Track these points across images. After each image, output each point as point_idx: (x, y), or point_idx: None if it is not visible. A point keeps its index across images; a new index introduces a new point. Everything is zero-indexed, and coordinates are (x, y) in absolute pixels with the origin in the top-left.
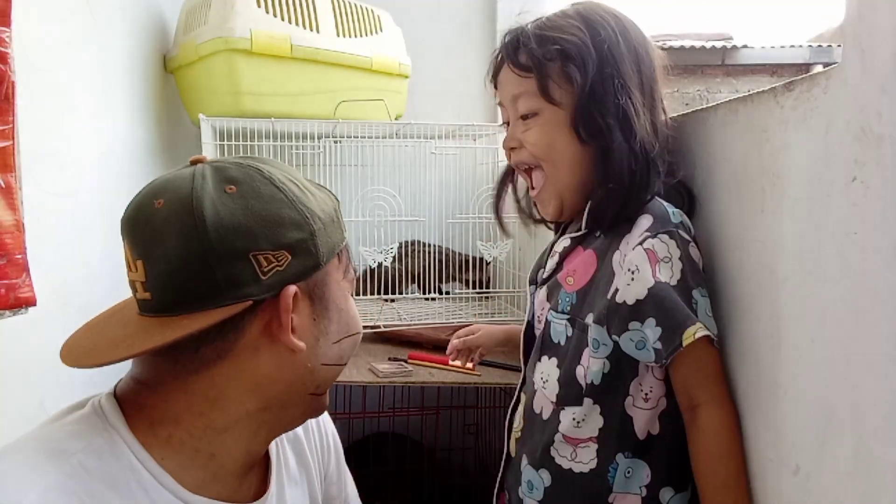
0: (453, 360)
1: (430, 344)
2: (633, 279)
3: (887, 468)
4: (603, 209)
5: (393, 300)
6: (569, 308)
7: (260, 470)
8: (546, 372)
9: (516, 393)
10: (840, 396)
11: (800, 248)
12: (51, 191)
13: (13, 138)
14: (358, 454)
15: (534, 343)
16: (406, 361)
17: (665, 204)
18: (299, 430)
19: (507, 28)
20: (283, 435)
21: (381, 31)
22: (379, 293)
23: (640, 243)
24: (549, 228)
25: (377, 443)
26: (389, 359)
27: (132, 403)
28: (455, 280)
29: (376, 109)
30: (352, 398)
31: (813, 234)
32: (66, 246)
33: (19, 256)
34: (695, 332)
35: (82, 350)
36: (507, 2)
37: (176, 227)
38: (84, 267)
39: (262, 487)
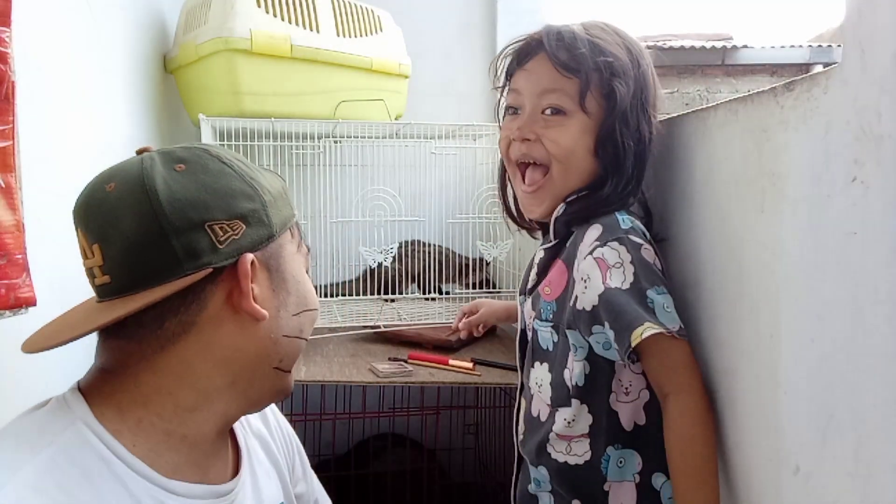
0: (461, 335)
1: (430, 344)
2: (586, 287)
3: (887, 468)
4: (572, 219)
5: (393, 300)
6: (551, 316)
7: (232, 455)
8: (540, 377)
9: (517, 398)
10: (840, 396)
11: (800, 248)
12: (51, 191)
13: (13, 138)
14: (358, 456)
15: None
16: (406, 361)
17: (617, 213)
18: (264, 429)
19: (508, 30)
20: (251, 432)
21: (381, 31)
22: (379, 293)
23: (591, 253)
24: (533, 236)
25: (377, 444)
26: (389, 359)
27: (98, 393)
28: (455, 281)
29: (376, 109)
30: (352, 398)
31: (813, 234)
32: (66, 246)
33: (19, 256)
34: (642, 332)
35: (42, 337)
36: (507, 2)
37: (130, 205)
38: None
39: (234, 472)
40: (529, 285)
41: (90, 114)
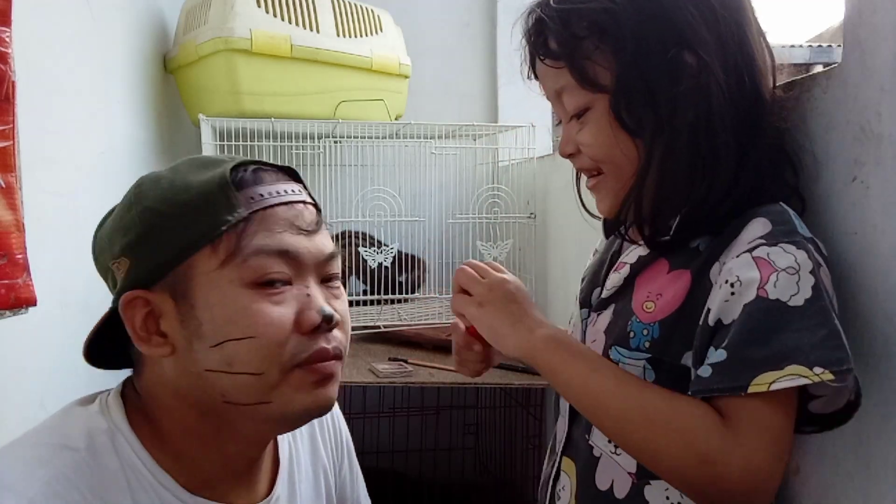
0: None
1: (430, 344)
2: (732, 294)
3: (887, 468)
4: (698, 219)
5: (393, 300)
6: (648, 344)
7: (268, 472)
8: None
9: (556, 456)
10: None
11: None
12: (51, 191)
13: (13, 138)
14: None
15: None
16: (406, 361)
17: (790, 210)
18: (315, 426)
19: (508, 30)
20: (298, 433)
21: (381, 31)
22: (379, 293)
23: (750, 250)
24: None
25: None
26: (389, 359)
27: (133, 402)
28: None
29: (376, 109)
30: (352, 398)
31: (813, 234)
32: (66, 246)
33: (20, 256)
34: (779, 377)
35: None
36: (507, 2)
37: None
38: (84, 267)
39: (268, 491)
40: (605, 294)
41: (90, 114)
